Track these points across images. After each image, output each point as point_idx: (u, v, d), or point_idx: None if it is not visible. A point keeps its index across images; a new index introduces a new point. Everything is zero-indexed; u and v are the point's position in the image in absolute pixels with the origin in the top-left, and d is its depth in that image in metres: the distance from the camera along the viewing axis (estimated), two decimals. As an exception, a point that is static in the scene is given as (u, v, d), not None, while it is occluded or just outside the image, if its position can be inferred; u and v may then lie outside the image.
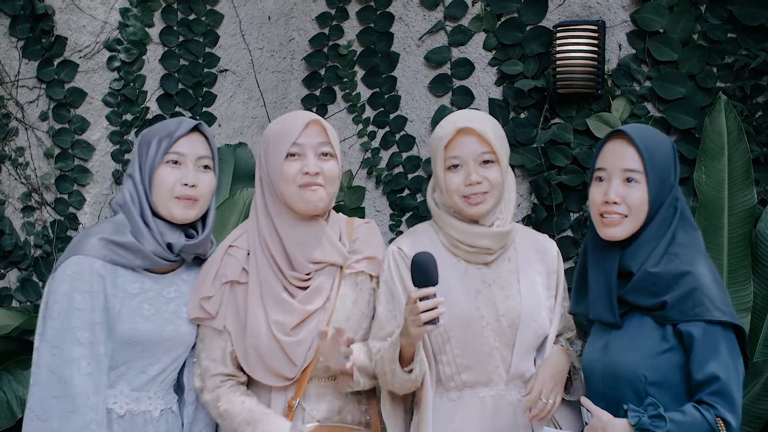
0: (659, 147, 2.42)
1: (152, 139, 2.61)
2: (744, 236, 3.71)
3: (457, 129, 2.57)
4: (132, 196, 2.60)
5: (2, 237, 3.91)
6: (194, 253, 2.65)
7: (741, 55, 3.98)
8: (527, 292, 2.61)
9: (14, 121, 3.95)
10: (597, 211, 2.44)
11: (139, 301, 2.56)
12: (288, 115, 2.70)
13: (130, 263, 2.56)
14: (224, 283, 2.60)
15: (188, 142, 2.61)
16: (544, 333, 2.62)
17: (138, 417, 2.55)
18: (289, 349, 2.53)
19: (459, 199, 2.57)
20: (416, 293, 2.35)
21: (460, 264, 2.61)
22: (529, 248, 2.68)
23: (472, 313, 2.56)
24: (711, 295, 2.33)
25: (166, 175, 2.58)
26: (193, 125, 2.63)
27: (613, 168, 2.41)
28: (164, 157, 2.58)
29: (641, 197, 2.38)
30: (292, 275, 2.57)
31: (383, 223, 4.57)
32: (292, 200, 2.57)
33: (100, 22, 4.08)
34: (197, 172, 2.61)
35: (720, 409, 2.26)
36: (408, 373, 2.49)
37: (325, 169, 2.58)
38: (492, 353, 2.56)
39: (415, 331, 2.38)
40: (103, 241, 2.54)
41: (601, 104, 4.17)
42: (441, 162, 2.59)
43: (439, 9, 4.47)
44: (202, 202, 2.62)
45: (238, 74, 4.53)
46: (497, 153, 2.57)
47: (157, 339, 2.55)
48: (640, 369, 2.32)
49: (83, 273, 2.50)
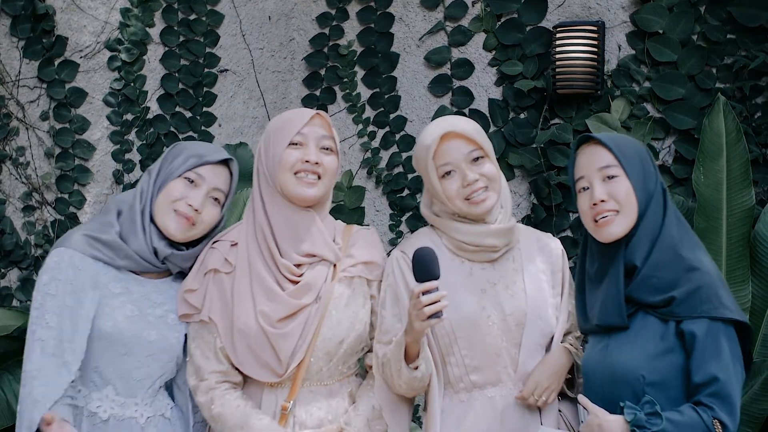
0: (627, 142, 2.47)
1: (183, 153, 2.64)
2: (742, 237, 3.72)
3: (440, 136, 2.58)
4: (144, 191, 2.62)
5: (3, 236, 3.92)
6: (180, 266, 2.65)
7: (740, 56, 3.98)
8: (532, 290, 2.62)
9: (15, 120, 3.96)
10: (590, 218, 2.44)
11: (122, 300, 2.56)
12: (292, 110, 2.73)
13: (111, 261, 2.57)
14: (206, 274, 2.61)
15: (212, 170, 2.64)
16: (551, 331, 2.63)
17: (123, 423, 2.54)
18: (273, 340, 2.53)
19: (461, 203, 2.58)
20: (419, 287, 2.36)
21: (464, 265, 2.62)
22: (533, 247, 2.69)
23: (479, 312, 2.56)
24: (719, 292, 2.33)
25: (177, 188, 2.60)
26: (225, 158, 2.66)
27: (590, 171, 2.43)
28: (184, 172, 2.60)
29: (626, 188, 2.40)
30: (283, 263, 2.56)
31: (383, 223, 4.58)
32: (287, 186, 2.57)
33: (101, 22, 4.09)
34: (206, 200, 2.62)
35: (718, 410, 2.26)
36: (414, 371, 2.50)
37: (325, 162, 2.60)
38: (500, 353, 2.57)
39: (419, 325, 2.39)
40: (85, 237, 2.57)
41: (601, 105, 4.18)
42: (433, 172, 2.59)
43: (439, 9, 4.48)
44: (199, 229, 2.63)
45: (239, 74, 4.54)
46: (485, 149, 2.59)
47: (139, 340, 2.55)
48: (639, 369, 2.32)
49: (61, 263, 2.53)
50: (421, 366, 2.50)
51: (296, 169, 2.56)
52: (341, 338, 2.58)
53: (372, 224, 4.59)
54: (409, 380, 2.51)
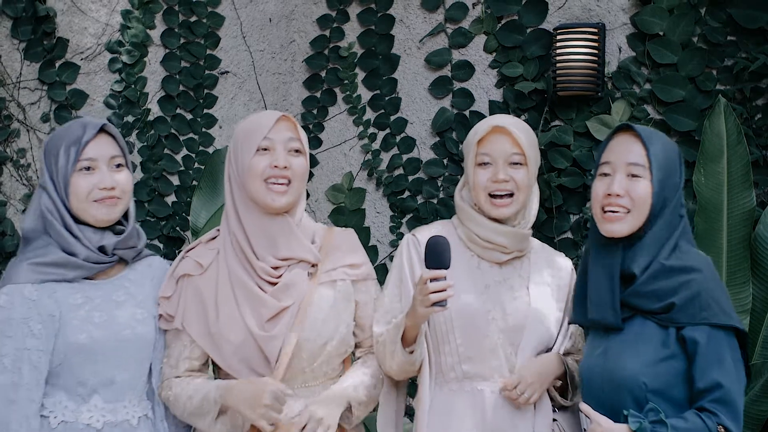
0: (665, 146, 2.41)
1: (59, 148, 2.55)
2: (743, 238, 3.72)
3: (492, 126, 2.63)
4: (49, 208, 2.54)
5: (3, 238, 3.92)
6: (127, 246, 2.61)
7: (740, 57, 3.99)
8: (536, 298, 2.63)
9: (16, 122, 3.96)
10: (599, 206, 2.41)
11: (87, 310, 2.52)
12: (258, 113, 2.72)
13: (63, 277, 2.52)
14: (178, 281, 2.61)
15: (97, 145, 2.56)
16: (551, 340, 2.63)
17: (117, 428, 2.52)
18: (261, 343, 2.53)
19: (484, 198, 2.62)
20: (428, 274, 2.40)
21: (473, 259, 2.64)
22: (543, 263, 2.70)
23: (479, 306, 2.58)
24: (718, 299, 2.31)
25: (81, 182, 2.53)
26: (99, 127, 2.58)
27: (618, 161, 2.39)
28: (75, 165, 2.53)
29: (645, 191, 2.36)
30: (260, 267, 2.57)
31: (384, 225, 4.58)
32: (258, 195, 2.57)
33: (102, 24, 4.09)
34: (112, 173, 2.57)
35: (722, 416, 2.24)
36: (409, 354, 2.53)
37: (294, 165, 2.59)
38: (495, 349, 2.58)
39: (422, 311, 2.42)
40: (30, 266, 2.51)
41: (601, 107, 4.18)
42: (472, 157, 2.64)
43: (440, 11, 4.48)
44: (124, 200, 2.59)
45: (239, 76, 4.54)
46: (527, 156, 2.62)
47: (114, 344, 2.52)
48: (641, 376, 2.29)
49: (14, 302, 2.48)
50: (417, 351, 2.53)
51: (266, 175, 2.56)
52: (325, 340, 2.58)
53: (372, 226, 4.60)
54: (402, 363, 2.54)
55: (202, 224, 4.01)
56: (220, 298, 2.58)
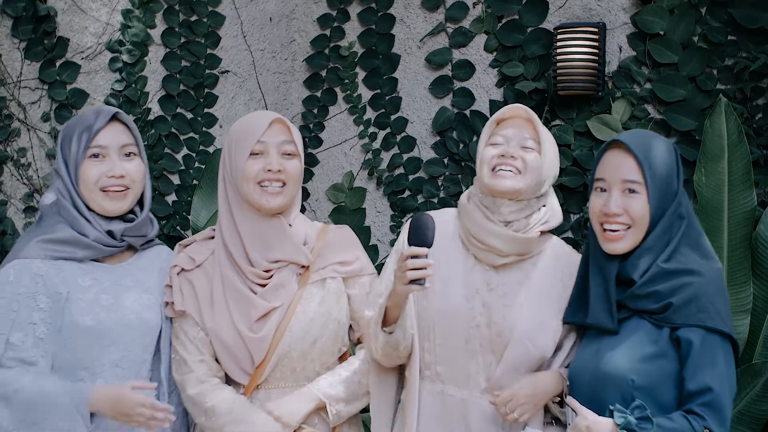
0: (659, 155, 2.37)
1: (73, 135, 2.58)
2: (744, 238, 3.72)
3: (513, 109, 2.58)
4: (62, 192, 2.58)
5: (4, 237, 3.92)
6: (138, 234, 2.62)
7: (741, 57, 3.99)
8: (531, 309, 2.51)
9: (16, 122, 3.97)
10: (598, 221, 2.39)
11: (95, 292, 2.53)
12: (252, 114, 2.71)
13: (72, 255, 2.54)
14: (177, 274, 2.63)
15: (108, 133, 2.59)
16: (542, 355, 2.50)
17: None
18: (250, 344, 2.54)
19: (488, 172, 2.52)
20: (408, 251, 2.35)
21: (469, 259, 2.56)
22: (556, 270, 2.57)
23: (464, 311, 2.50)
24: (716, 304, 2.30)
25: (90, 169, 2.56)
26: (111, 115, 2.61)
27: (613, 179, 2.37)
28: (86, 152, 2.56)
29: (643, 208, 2.34)
30: (251, 271, 2.58)
31: (384, 225, 4.58)
32: (252, 197, 2.57)
33: (102, 24, 4.09)
34: (122, 161, 2.59)
35: (709, 421, 2.23)
36: (388, 335, 2.46)
37: (288, 168, 2.59)
38: (474, 357, 2.50)
39: (400, 288, 2.37)
40: (41, 242, 2.53)
41: (602, 106, 4.18)
42: (487, 137, 2.57)
43: (440, 11, 4.48)
44: (134, 190, 2.60)
45: (240, 75, 4.54)
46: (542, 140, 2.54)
47: (120, 329, 2.53)
48: (629, 373, 2.28)
49: (21, 278, 2.50)
50: (397, 332, 2.46)
51: (259, 179, 2.56)
52: (314, 338, 2.58)
53: (373, 225, 4.60)
54: (384, 344, 2.48)
55: (202, 223, 4.01)
56: (214, 298, 2.59)
